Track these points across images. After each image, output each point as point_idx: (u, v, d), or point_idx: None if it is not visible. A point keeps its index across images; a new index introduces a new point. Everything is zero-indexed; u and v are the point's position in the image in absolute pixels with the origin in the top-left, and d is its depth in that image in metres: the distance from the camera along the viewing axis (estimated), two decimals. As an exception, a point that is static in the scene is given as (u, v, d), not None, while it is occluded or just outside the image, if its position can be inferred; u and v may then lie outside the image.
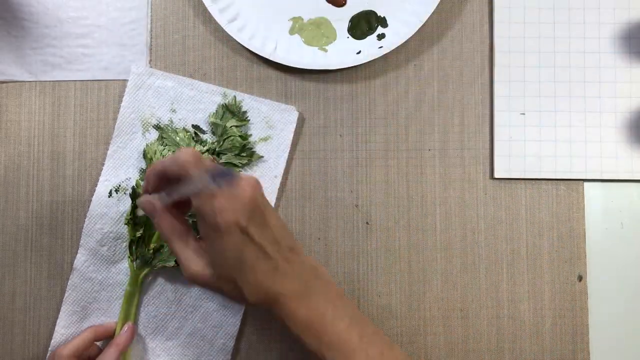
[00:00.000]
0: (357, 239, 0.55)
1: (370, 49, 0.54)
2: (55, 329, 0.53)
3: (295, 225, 0.55)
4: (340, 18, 0.55)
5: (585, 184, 0.55)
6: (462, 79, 0.56)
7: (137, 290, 0.52)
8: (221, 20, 0.54)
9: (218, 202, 0.38)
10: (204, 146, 0.53)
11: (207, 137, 0.54)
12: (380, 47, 0.54)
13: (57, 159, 0.55)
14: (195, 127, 0.54)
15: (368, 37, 0.55)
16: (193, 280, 0.42)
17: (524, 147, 0.55)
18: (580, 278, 0.54)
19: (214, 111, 0.54)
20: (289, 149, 0.54)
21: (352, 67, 0.54)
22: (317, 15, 0.55)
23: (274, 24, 0.55)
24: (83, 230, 0.53)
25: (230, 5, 0.55)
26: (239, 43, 0.54)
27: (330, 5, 0.56)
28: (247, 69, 0.56)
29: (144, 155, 0.53)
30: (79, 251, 0.53)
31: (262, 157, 0.54)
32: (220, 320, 0.53)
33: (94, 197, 0.54)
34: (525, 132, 0.55)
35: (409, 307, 0.54)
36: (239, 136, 0.53)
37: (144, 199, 0.43)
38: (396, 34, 0.54)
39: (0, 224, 0.55)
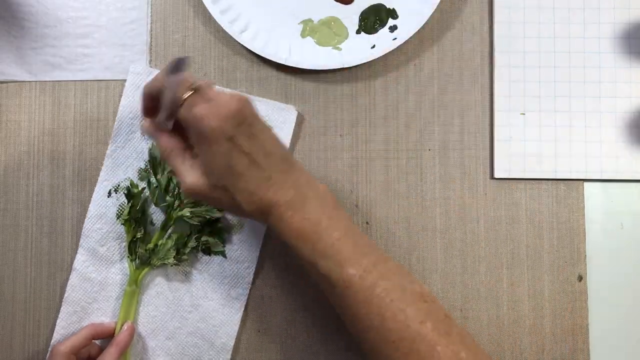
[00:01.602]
0: (357, 239, 0.55)
1: (384, 42, 0.54)
2: (55, 329, 0.53)
3: (295, 225, 0.55)
4: (350, 15, 0.55)
5: (585, 184, 0.55)
6: (462, 79, 0.56)
7: (136, 289, 0.52)
8: (233, 31, 0.53)
9: (200, 109, 0.39)
10: None
11: None
12: (394, 38, 0.54)
13: (57, 159, 0.55)
14: None
15: (380, 31, 0.55)
16: (191, 193, 0.42)
17: (524, 147, 0.55)
18: (580, 278, 0.54)
19: None
20: (288, 147, 0.54)
21: (352, 67, 0.54)
22: (326, 15, 0.55)
23: (285, 29, 0.55)
24: (82, 230, 0.53)
25: (239, 16, 0.55)
26: (240, 43, 0.54)
27: (338, 3, 0.56)
28: (247, 69, 0.56)
29: (149, 154, 0.53)
30: (78, 251, 0.53)
31: None
32: (220, 319, 0.53)
33: (93, 197, 0.54)
34: (525, 132, 0.55)
35: (409, 307, 0.54)
36: None
37: (144, 123, 0.44)
38: (408, 24, 0.54)
39: (0, 224, 0.55)
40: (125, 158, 0.54)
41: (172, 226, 0.53)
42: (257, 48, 0.54)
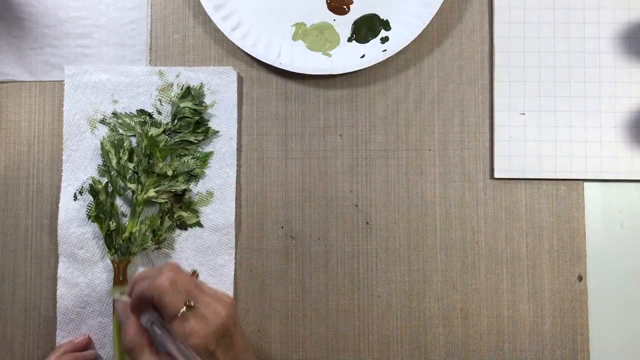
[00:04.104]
0: (357, 239, 0.55)
1: (374, 52, 0.54)
2: (56, 340, 0.53)
3: (296, 226, 0.55)
4: (343, 23, 0.55)
5: (585, 184, 0.55)
6: (462, 79, 0.56)
7: (124, 282, 0.52)
8: (224, 28, 0.54)
9: (190, 326, 0.40)
10: (159, 128, 0.53)
11: (156, 117, 0.55)
12: (384, 50, 0.54)
13: (57, 159, 0.55)
14: (141, 111, 0.54)
15: (371, 41, 0.55)
16: None
17: (524, 147, 0.55)
18: (580, 278, 0.54)
19: (176, 92, 0.55)
20: (236, 108, 0.55)
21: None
22: (319, 20, 0.55)
23: (277, 30, 0.55)
24: (58, 238, 0.53)
25: (232, 13, 0.55)
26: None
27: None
28: (247, 69, 0.56)
29: (102, 149, 0.54)
30: (59, 260, 0.53)
31: (218, 132, 0.54)
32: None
33: (60, 204, 0.54)
34: (525, 132, 0.55)
35: (409, 307, 0.54)
36: (194, 110, 0.54)
37: (122, 303, 0.44)
38: (400, 37, 0.54)
39: (0, 224, 0.55)
40: (82, 159, 0.54)
41: (141, 211, 0.53)
42: (247, 46, 0.54)
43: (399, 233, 0.55)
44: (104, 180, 0.54)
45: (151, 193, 0.53)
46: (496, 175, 0.54)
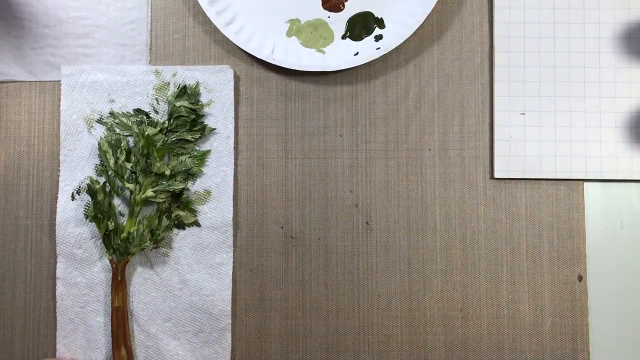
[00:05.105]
0: (357, 239, 0.55)
1: (368, 50, 0.54)
2: (57, 339, 0.53)
3: (296, 226, 0.55)
4: (338, 19, 0.55)
5: (585, 184, 0.55)
6: (462, 79, 0.56)
7: (123, 282, 0.53)
8: (218, 23, 0.54)
9: None
10: (156, 127, 0.53)
11: (153, 116, 0.55)
12: (378, 48, 0.54)
13: (57, 159, 0.55)
14: (138, 110, 0.54)
15: (366, 39, 0.55)
16: None
17: (524, 147, 0.55)
18: (580, 278, 0.54)
19: (173, 90, 0.55)
20: (233, 107, 0.55)
21: (351, 67, 0.54)
22: (314, 17, 0.55)
23: (271, 26, 0.55)
24: (56, 238, 0.53)
25: (227, 8, 0.55)
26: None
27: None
28: (246, 69, 0.56)
29: (99, 149, 0.54)
30: (57, 260, 0.53)
31: (215, 129, 0.54)
32: (211, 288, 0.53)
33: (58, 204, 0.54)
34: (525, 132, 0.55)
35: (409, 307, 0.54)
36: (190, 109, 0.54)
37: None
38: (394, 35, 0.54)
39: (0, 224, 0.55)
40: (79, 159, 0.54)
41: (140, 211, 0.53)
42: (241, 42, 0.54)
43: (399, 233, 0.55)
44: (102, 180, 0.54)
45: (149, 193, 0.53)
46: (496, 175, 0.55)
